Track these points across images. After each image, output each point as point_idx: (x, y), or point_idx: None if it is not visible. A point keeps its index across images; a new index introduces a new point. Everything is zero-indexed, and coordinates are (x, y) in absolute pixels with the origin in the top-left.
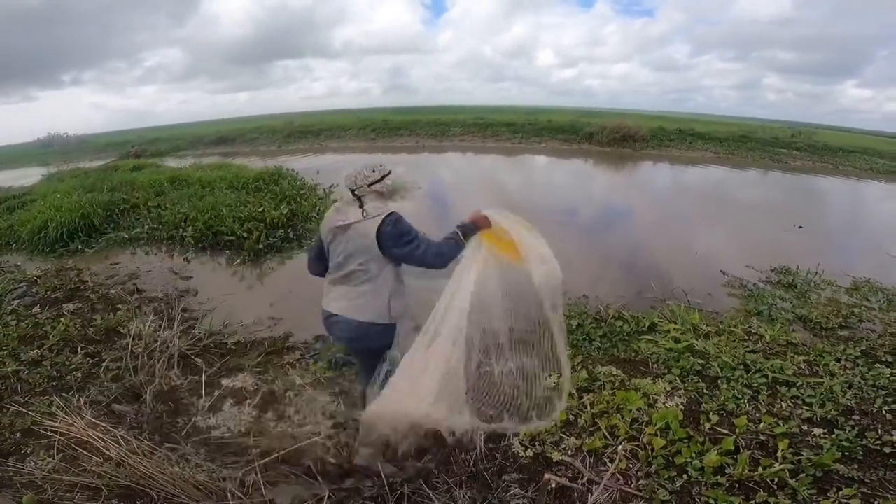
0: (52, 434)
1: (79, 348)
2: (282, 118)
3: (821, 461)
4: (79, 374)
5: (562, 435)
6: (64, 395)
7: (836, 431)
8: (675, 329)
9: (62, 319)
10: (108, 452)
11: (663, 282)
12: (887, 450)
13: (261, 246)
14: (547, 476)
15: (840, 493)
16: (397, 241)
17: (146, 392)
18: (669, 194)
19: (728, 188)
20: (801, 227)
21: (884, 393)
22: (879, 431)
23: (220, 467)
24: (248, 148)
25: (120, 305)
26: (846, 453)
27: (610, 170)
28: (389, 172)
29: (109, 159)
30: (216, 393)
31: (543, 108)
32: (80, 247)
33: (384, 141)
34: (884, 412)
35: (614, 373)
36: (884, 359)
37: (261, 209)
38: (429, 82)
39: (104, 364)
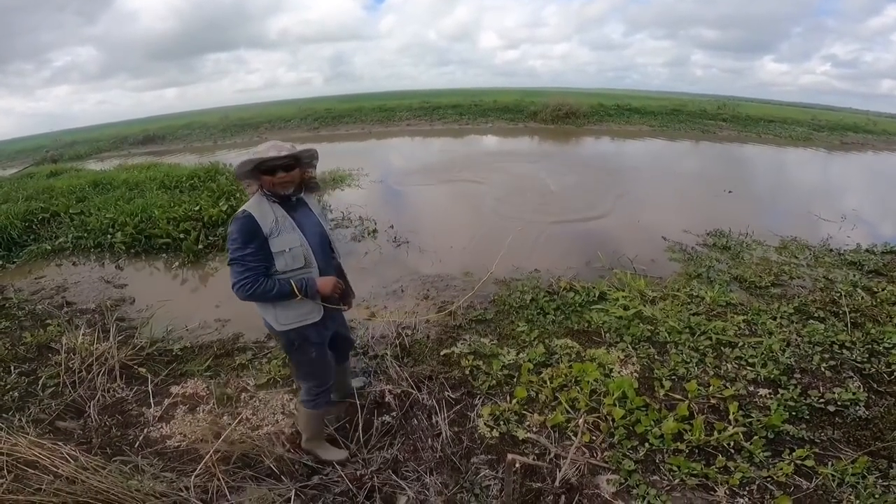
0: None
1: (11, 367)
2: (216, 113)
3: (770, 422)
4: (15, 394)
5: (525, 412)
6: (3, 415)
7: (781, 391)
8: (623, 297)
9: None
10: (57, 470)
11: (609, 251)
12: (831, 408)
13: (200, 246)
14: (510, 457)
15: (794, 454)
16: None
17: (89, 406)
18: (611, 166)
19: (663, 158)
20: (730, 191)
21: (819, 349)
22: (821, 389)
23: (179, 476)
24: (179, 145)
25: (49, 320)
26: (793, 413)
27: (555, 145)
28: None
29: (23, 166)
30: (166, 402)
31: (488, 90)
32: (0, 262)
33: (328, 129)
34: (822, 369)
35: (570, 345)
36: (816, 314)
37: (197, 208)
38: (373, 69)
39: (41, 381)
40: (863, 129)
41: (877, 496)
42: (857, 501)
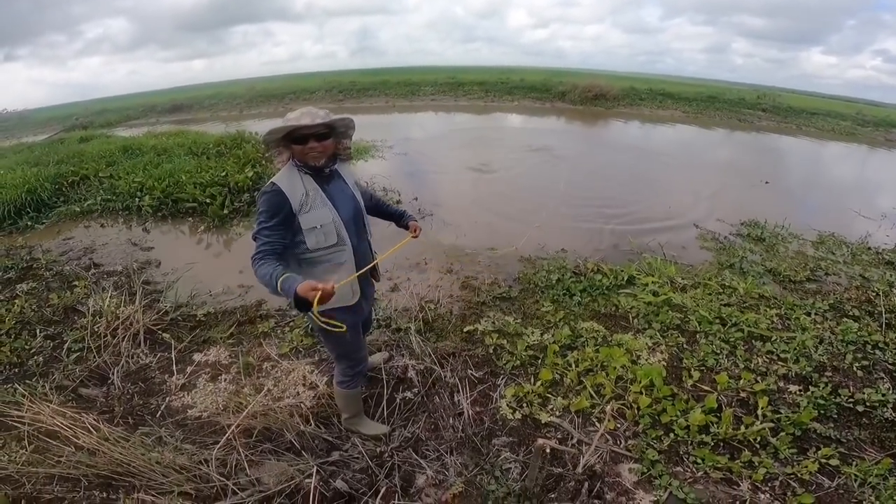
0: (19, 424)
1: (37, 330)
2: (243, 84)
3: (799, 419)
4: (40, 359)
5: (549, 395)
6: (27, 381)
7: (811, 388)
8: (652, 282)
9: (16, 301)
10: (78, 441)
11: (639, 235)
12: (860, 408)
13: (226, 211)
14: (540, 441)
15: (819, 452)
16: (256, 216)
17: (113, 373)
18: (642, 150)
19: (697, 145)
20: (767, 182)
21: (853, 348)
22: (851, 389)
23: (199, 449)
24: (206, 114)
25: (76, 282)
26: (822, 411)
27: (584, 126)
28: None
29: (53, 133)
30: (189, 369)
31: (515, 68)
32: (29, 223)
33: (353, 102)
34: (854, 369)
35: (596, 328)
36: (851, 313)
37: (223, 173)
38: (398, 43)
39: (66, 346)
40: None
41: None
42: (878, 502)
